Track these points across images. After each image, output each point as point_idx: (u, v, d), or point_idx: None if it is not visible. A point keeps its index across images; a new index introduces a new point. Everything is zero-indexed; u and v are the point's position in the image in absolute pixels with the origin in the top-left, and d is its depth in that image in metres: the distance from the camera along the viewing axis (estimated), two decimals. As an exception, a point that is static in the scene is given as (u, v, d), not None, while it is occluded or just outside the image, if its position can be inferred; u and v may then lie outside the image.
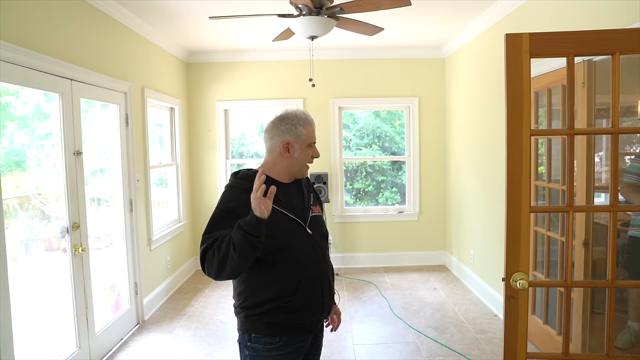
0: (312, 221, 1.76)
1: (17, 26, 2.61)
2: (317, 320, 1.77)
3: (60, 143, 3.04)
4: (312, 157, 1.78)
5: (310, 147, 1.76)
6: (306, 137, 1.73)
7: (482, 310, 4.27)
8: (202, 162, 5.84)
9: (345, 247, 5.89)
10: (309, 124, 1.74)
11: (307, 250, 1.69)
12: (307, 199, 1.80)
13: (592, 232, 2.82)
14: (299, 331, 1.70)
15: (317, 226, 1.79)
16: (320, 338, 1.86)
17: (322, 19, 3.09)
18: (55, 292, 3.15)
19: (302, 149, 1.73)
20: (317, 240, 1.76)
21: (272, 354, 1.65)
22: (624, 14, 2.46)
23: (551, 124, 3.41)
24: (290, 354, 1.68)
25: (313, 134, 1.77)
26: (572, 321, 2.91)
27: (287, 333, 1.67)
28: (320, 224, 1.83)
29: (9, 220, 2.80)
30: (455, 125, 5.43)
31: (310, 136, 1.75)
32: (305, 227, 1.72)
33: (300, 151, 1.73)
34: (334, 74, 5.72)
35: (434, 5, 3.93)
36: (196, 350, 3.59)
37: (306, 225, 1.73)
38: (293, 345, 1.69)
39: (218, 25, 4.38)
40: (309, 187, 1.88)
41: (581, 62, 2.71)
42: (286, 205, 1.70)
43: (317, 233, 1.76)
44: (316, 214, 1.81)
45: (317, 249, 1.74)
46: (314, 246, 1.72)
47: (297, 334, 1.70)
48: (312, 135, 1.76)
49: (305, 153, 1.74)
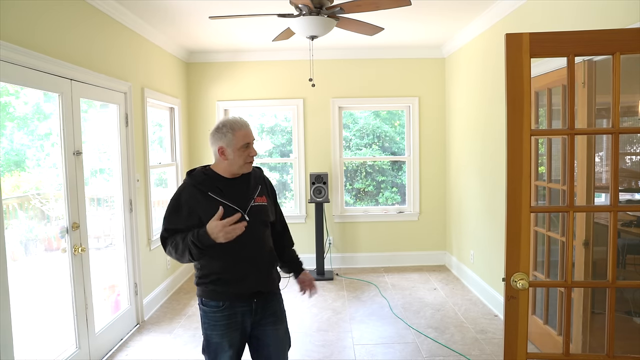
0: (253, 209, 2.06)
1: (17, 26, 2.61)
2: (256, 291, 2.07)
3: (60, 143, 3.04)
4: (250, 155, 2.05)
5: (245, 148, 2.03)
6: (236, 141, 2.01)
7: (482, 311, 4.27)
8: (202, 162, 5.83)
9: (345, 247, 5.89)
10: (238, 129, 2.01)
11: (243, 233, 1.91)
12: (252, 191, 2.10)
13: (592, 232, 2.82)
14: (238, 299, 2.05)
15: (258, 213, 2.07)
16: (272, 306, 2.15)
17: (322, 19, 3.09)
18: (55, 292, 3.15)
19: (235, 151, 2.02)
20: (256, 225, 2.04)
21: (217, 314, 2.04)
22: (623, 14, 2.45)
23: (551, 124, 3.41)
24: (232, 316, 2.04)
25: (244, 137, 2.02)
26: (572, 321, 2.91)
27: (228, 299, 2.03)
28: (262, 211, 2.10)
29: (9, 221, 2.80)
30: (455, 125, 5.43)
31: (240, 139, 2.01)
32: (243, 214, 2.00)
33: (234, 153, 2.02)
34: (334, 74, 5.72)
35: (434, 5, 3.93)
36: (196, 350, 3.59)
37: (245, 213, 2.02)
38: (235, 309, 2.04)
39: (218, 25, 4.38)
40: (260, 181, 2.17)
41: (581, 62, 2.71)
42: (227, 196, 2.01)
43: (255, 219, 2.04)
44: (259, 204, 2.09)
45: (254, 233, 2.03)
46: (251, 230, 1.98)
47: (237, 301, 2.04)
48: (242, 138, 2.02)
49: (239, 154, 2.02)
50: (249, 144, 2.04)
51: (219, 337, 2.04)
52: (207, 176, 2.07)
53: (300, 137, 5.78)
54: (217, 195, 2.00)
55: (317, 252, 5.43)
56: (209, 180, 2.05)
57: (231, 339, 2.05)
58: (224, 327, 2.04)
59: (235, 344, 2.06)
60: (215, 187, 2.02)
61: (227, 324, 2.04)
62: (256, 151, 2.09)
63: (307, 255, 5.65)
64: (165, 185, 5.31)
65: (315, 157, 5.81)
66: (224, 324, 2.04)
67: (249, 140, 2.04)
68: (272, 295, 2.16)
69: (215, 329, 2.04)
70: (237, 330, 2.06)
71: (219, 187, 2.02)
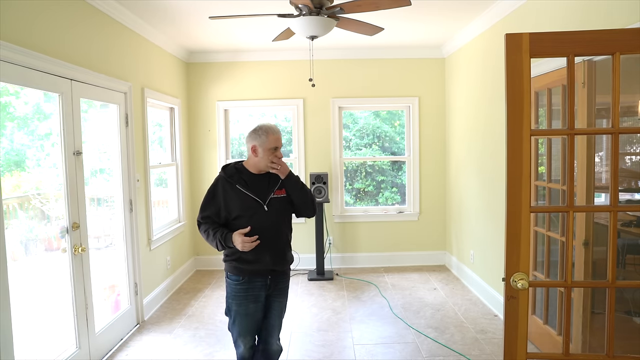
0: (272, 201, 2.46)
1: (17, 26, 2.61)
2: (270, 269, 2.49)
3: (60, 143, 3.04)
4: (276, 157, 2.45)
5: (273, 150, 2.44)
6: (268, 143, 2.42)
7: (482, 311, 4.27)
8: (202, 162, 5.84)
9: (345, 247, 5.89)
10: (271, 134, 2.44)
11: (261, 219, 2.41)
12: (272, 185, 2.49)
13: (592, 232, 2.82)
14: (256, 275, 2.47)
15: (276, 204, 2.47)
16: (282, 283, 2.59)
17: (322, 19, 3.09)
18: (55, 292, 3.15)
19: (265, 151, 2.43)
20: (273, 214, 2.45)
21: (238, 287, 2.48)
22: (623, 14, 2.45)
23: (551, 124, 3.41)
24: (250, 289, 2.47)
25: (275, 141, 2.44)
26: (572, 321, 2.91)
27: (248, 275, 2.46)
28: (281, 202, 2.50)
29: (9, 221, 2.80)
30: (455, 125, 5.43)
31: (271, 142, 2.43)
32: (263, 205, 2.43)
33: (264, 153, 2.43)
34: (334, 74, 5.72)
35: (434, 5, 3.93)
36: (196, 350, 3.59)
37: (265, 204, 2.44)
38: (253, 283, 2.47)
39: (218, 25, 4.38)
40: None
41: (581, 62, 2.71)
42: (251, 188, 2.44)
43: (274, 209, 2.46)
44: (278, 196, 2.49)
45: (272, 221, 2.45)
46: (268, 218, 2.43)
47: (255, 277, 2.47)
48: (273, 142, 2.43)
49: (268, 154, 2.43)
50: (277, 148, 2.45)
51: (237, 306, 2.48)
52: (237, 170, 2.48)
53: (300, 137, 5.78)
54: (242, 188, 2.42)
55: (317, 252, 5.43)
56: (237, 174, 2.46)
57: (247, 308, 2.48)
58: (242, 297, 2.47)
59: (250, 312, 2.48)
60: (242, 180, 2.44)
61: (245, 295, 2.47)
62: (282, 154, 2.49)
63: (307, 255, 5.66)
64: (165, 185, 5.31)
65: (315, 157, 5.81)
66: (243, 295, 2.47)
67: (278, 145, 2.46)
68: (283, 274, 2.59)
69: (235, 299, 2.49)
70: (253, 302, 2.48)
71: (245, 180, 2.45)
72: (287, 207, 2.53)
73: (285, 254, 2.54)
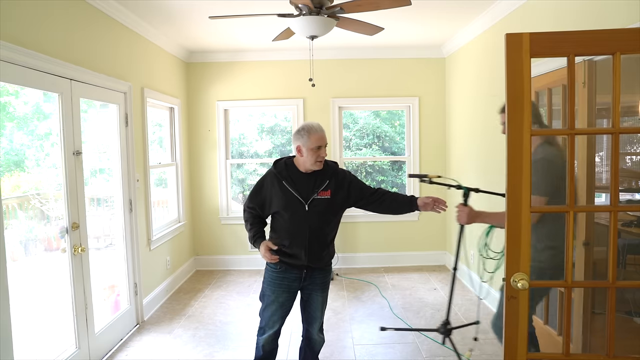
0: (314, 201, 2.50)
1: (17, 26, 2.61)
2: (305, 264, 2.57)
3: (60, 143, 3.04)
4: (320, 156, 2.48)
5: (316, 149, 2.46)
6: (311, 143, 2.45)
7: (482, 311, 4.26)
8: (202, 162, 5.83)
9: (345, 247, 5.89)
10: (313, 133, 2.46)
11: (300, 219, 2.50)
12: (318, 186, 2.52)
13: (592, 232, 2.82)
14: (292, 267, 2.59)
15: (318, 205, 2.51)
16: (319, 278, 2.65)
17: (322, 19, 3.08)
18: (55, 293, 3.15)
19: (308, 150, 2.47)
20: (314, 214, 2.50)
21: (274, 274, 2.62)
22: (624, 14, 2.45)
23: (552, 123, 3.41)
24: (285, 279, 2.61)
25: (318, 140, 2.46)
26: (572, 321, 2.91)
27: (285, 265, 2.59)
28: (324, 204, 2.52)
29: (9, 221, 2.80)
30: (455, 125, 5.42)
31: (313, 142, 2.45)
32: (304, 204, 2.49)
33: (307, 152, 2.47)
34: (334, 74, 5.71)
35: (434, 5, 3.92)
36: (196, 350, 3.59)
37: (306, 203, 2.49)
38: (288, 273, 2.60)
39: (218, 25, 4.38)
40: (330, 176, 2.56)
41: (582, 61, 2.70)
42: (297, 186, 2.51)
43: (314, 210, 2.50)
44: (321, 197, 2.52)
45: (312, 221, 2.51)
46: (307, 218, 2.50)
47: (291, 268, 2.59)
48: (315, 141, 2.46)
49: (312, 153, 2.47)
50: (320, 147, 2.47)
51: (270, 292, 2.63)
52: (287, 166, 2.56)
53: (300, 137, 5.77)
54: (288, 185, 2.50)
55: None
56: (286, 171, 2.54)
57: (279, 295, 2.61)
58: (276, 285, 2.61)
59: (281, 300, 2.62)
60: (289, 177, 2.52)
61: (280, 284, 2.61)
62: (326, 153, 2.52)
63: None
64: (165, 185, 5.31)
65: (315, 157, 5.80)
66: (277, 283, 2.61)
67: (321, 144, 2.48)
68: (320, 270, 2.67)
69: (270, 285, 2.63)
70: (286, 291, 2.62)
71: (292, 178, 2.52)
72: (331, 208, 2.57)
73: (322, 253, 2.62)
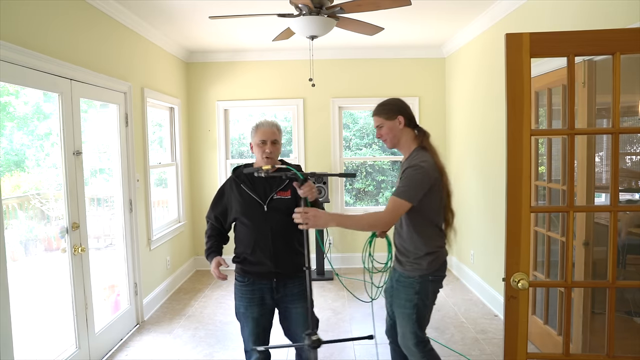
0: (274, 202, 2.34)
1: (17, 26, 2.61)
2: (274, 272, 2.34)
3: (60, 143, 3.04)
4: (265, 151, 2.31)
5: (261, 144, 2.31)
6: (256, 138, 2.33)
7: (482, 311, 4.27)
8: (202, 162, 5.83)
9: (345, 247, 5.89)
10: (260, 128, 2.34)
11: (260, 221, 2.32)
12: (278, 186, 2.36)
13: (592, 232, 2.82)
14: (259, 277, 2.36)
15: (278, 205, 2.34)
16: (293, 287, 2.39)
17: (322, 19, 3.08)
18: (55, 292, 3.15)
19: (255, 146, 2.34)
20: (274, 215, 2.32)
21: (243, 288, 2.40)
22: (623, 14, 2.45)
23: (551, 123, 3.41)
24: (254, 291, 2.38)
25: (262, 134, 2.31)
26: (572, 321, 2.91)
27: (251, 277, 2.38)
28: (284, 204, 2.34)
29: (9, 221, 2.80)
30: (455, 125, 5.42)
31: (258, 137, 2.32)
32: (263, 205, 2.32)
33: (255, 148, 2.35)
34: (334, 74, 5.71)
35: (434, 5, 3.92)
36: (196, 350, 3.59)
37: (265, 204, 2.33)
38: (257, 285, 2.37)
39: (218, 25, 4.38)
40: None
41: (581, 61, 2.70)
42: (253, 188, 2.35)
43: (275, 211, 2.32)
44: (281, 197, 2.36)
45: (272, 223, 2.32)
46: (268, 219, 2.32)
47: (258, 279, 2.37)
48: (260, 135, 2.32)
49: (257, 149, 2.34)
50: (265, 142, 2.30)
51: (243, 308, 2.40)
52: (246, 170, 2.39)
53: (300, 137, 5.78)
54: (246, 187, 2.35)
55: (317, 252, 5.42)
56: (244, 174, 2.38)
57: (252, 311, 2.37)
58: (247, 300, 2.38)
59: (256, 316, 2.37)
60: (247, 180, 2.37)
61: (250, 298, 2.38)
62: (270, 149, 2.31)
63: (307, 255, 5.65)
64: (165, 185, 5.31)
65: (316, 157, 5.80)
66: (247, 297, 2.38)
67: (265, 138, 2.31)
68: (292, 278, 2.40)
69: (241, 301, 2.40)
70: (258, 305, 2.38)
71: (251, 181, 2.36)
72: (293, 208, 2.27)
73: (289, 257, 2.37)
